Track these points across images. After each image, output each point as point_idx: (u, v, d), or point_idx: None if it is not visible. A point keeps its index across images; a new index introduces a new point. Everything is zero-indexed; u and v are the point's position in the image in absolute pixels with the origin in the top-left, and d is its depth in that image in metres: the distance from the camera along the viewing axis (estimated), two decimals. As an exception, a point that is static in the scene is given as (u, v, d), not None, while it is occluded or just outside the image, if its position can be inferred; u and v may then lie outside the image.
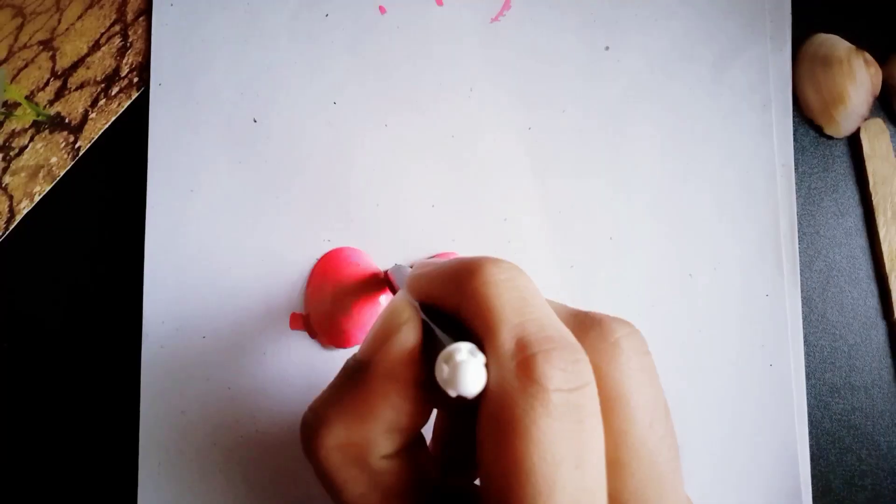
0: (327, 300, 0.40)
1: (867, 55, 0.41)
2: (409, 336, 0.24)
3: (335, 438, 0.24)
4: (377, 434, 0.24)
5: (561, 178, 0.41)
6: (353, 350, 0.40)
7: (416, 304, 0.26)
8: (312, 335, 0.41)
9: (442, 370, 0.21)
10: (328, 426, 0.24)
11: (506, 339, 0.22)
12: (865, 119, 0.42)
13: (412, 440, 0.25)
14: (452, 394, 0.21)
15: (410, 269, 0.36)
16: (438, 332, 0.24)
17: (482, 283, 0.23)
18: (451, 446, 0.29)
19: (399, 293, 0.27)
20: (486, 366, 0.22)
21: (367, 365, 0.25)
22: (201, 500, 0.40)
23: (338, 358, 0.41)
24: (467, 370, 0.21)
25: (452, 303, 0.24)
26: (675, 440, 0.24)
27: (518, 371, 0.21)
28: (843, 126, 0.41)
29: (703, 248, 0.41)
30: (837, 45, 0.42)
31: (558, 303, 0.26)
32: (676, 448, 0.24)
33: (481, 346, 0.22)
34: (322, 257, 0.41)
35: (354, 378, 0.25)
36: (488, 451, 0.21)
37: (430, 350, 0.24)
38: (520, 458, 0.20)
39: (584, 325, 0.24)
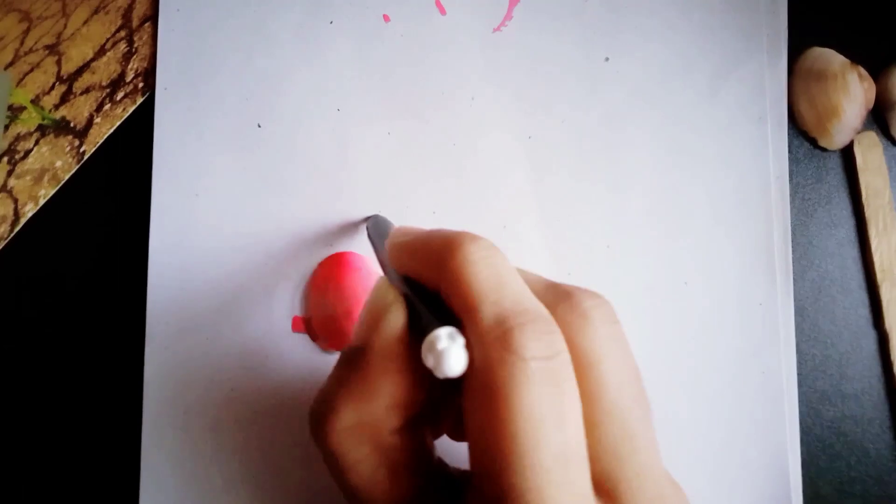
0: (329, 303, 0.41)
1: (861, 69, 0.42)
2: (397, 317, 0.26)
3: (345, 421, 0.26)
4: (382, 410, 0.25)
5: (560, 187, 0.42)
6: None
7: (399, 279, 0.28)
8: (314, 338, 0.41)
9: (427, 358, 0.23)
10: (336, 412, 0.26)
11: (485, 316, 0.23)
12: (859, 132, 0.42)
13: (417, 415, 0.26)
14: (440, 376, 0.23)
15: (390, 225, 0.37)
16: (423, 312, 0.25)
17: (461, 262, 0.25)
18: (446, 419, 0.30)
19: (382, 277, 0.29)
20: (467, 345, 0.23)
21: (362, 349, 0.26)
22: (203, 499, 0.41)
23: (336, 356, 0.41)
24: (450, 356, 0.23)
25: (433, 280, 0.26)
26: (646, 401, 0.25)
27: (497, 344, 0.23)
28: (836, 139, 0.42)
29: (698, 256, 0.41)
30: (832, 59, 0.42)
31: (535, 275, 0.28)
32: (648, 409, 0.25)
33: (461, 324, 0.24)
34: (324, 261, 0.42)
35: (353, 363, 0.26)
36: (475, 419, 0.23)
37: (417, 325, 0.26)
38: (504, 422, 0.22)
39: (556, 298, 0.26)
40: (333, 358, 0.41)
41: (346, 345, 0.28)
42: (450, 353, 0.23)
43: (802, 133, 0.43)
